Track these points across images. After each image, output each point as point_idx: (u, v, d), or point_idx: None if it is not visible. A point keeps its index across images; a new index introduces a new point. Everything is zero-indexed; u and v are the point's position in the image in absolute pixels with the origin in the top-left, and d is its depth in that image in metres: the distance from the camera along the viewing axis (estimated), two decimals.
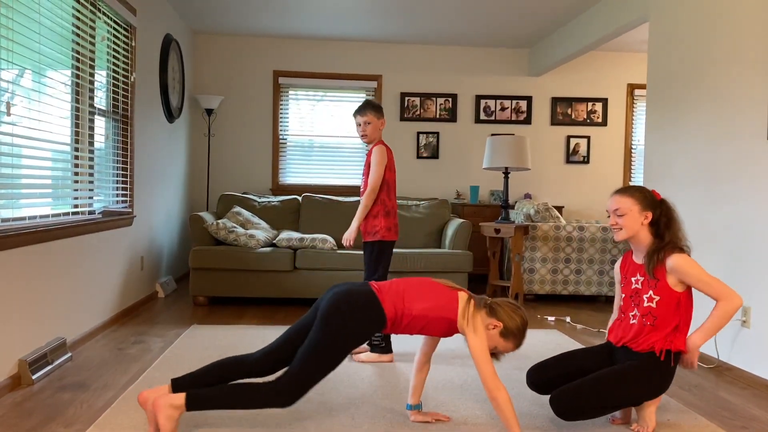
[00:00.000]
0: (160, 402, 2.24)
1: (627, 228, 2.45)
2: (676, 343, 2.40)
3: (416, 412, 2.54)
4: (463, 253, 5.10)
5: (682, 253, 2.40)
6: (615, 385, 2.36)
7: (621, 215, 2.45)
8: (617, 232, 2.48)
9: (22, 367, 2.89)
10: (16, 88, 3.00)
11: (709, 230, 3.63)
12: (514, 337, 2.32)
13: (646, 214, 2.44)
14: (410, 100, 6.87)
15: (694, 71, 3.84)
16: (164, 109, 5.41)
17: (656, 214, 2.44)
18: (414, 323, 2.32)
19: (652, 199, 2.47)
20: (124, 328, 4.09)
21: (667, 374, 2.42)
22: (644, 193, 2.47)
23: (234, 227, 5.05)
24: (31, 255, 3.02)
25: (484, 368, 2.24)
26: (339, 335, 2.26)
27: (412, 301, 2.31)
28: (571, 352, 2.64)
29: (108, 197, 4.20)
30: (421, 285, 2.38)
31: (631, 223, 2.44)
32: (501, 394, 2.22)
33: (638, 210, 2.44)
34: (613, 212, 2.48)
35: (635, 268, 2.52)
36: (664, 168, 4.12)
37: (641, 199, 2.45)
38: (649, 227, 2.45)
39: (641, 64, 7.02)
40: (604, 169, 7.09)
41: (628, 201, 2.45)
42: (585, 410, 2.36)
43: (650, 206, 2.45)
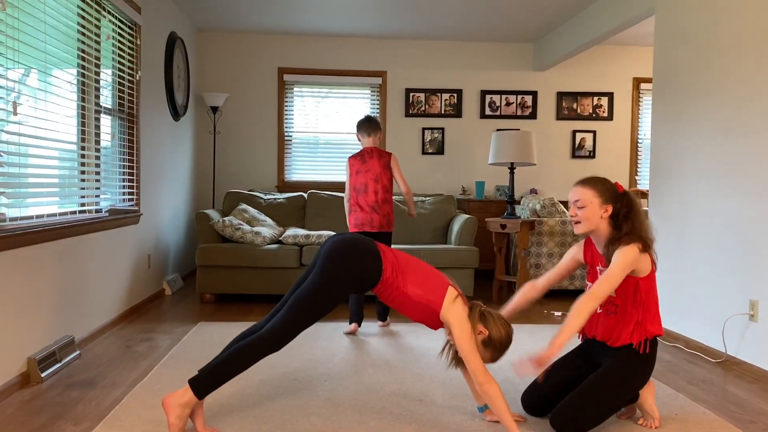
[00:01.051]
0: (169, 401, 2.22)
1: (586, 221, 2.40)
2: (651, 329, 2.41)
3: (488, 412, 2.53)
4: (469, 248, 5.10)
5: (632, 245, 2.32)
6: (607, 391, 2.35)
7: (581, 207, 2.41)
8: (576, 225, 2.43)
9: (31, 365, 2.91)
10: (23, 88, 3.01)
11: (718, 224, 3.62)
12: (494, 349, 2.33)
13: (606, 207, 2.39)
14: (415, 95, 6.86)
15: (701, 64, 3.81)
16: (170, 107, 5.42)
17: (617, 207, 2.39)
18: (399, 298, 2.33)
19: (614, 192, 2.42)
20: (132, 326, 4.11)
21: (650, 361, 2.43)
22: (606, 186, 2.42)
23: (240, 224, 5.07)
24: (39, 253, 3.03)
25: (474, 361, 2.25)
26: (335, 276, 2.27)
27: (409, 279, 2.32)
28: (554, 364, 2.59)
29: (114, 195, 4.21)
30: (417, 267, 2.39)
31: (591, 215, 2.39)
32: (492, 387, 2.24)
33: (599, 203, 2.39)
34: (574, 203, 2.44)
35: (598, 257, 2.50)
36: (671, 162, 4.10)
37: (602, 191, 2.40)
38: (609, 220, 2.41)
39: (647, 58, 6.99)
40: (610, 163, 7.07)
41: (588, 193, 2.41)
42: (586, 424, 2.34)
43: (611, 199, 2.40)
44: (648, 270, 2.40)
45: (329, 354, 3.48)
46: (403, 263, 2.38)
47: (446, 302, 2.31)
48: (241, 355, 2.24)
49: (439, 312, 2.31)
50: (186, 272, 6.18)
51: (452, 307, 2.30)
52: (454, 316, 2.29)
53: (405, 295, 2.33)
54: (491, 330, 2.31)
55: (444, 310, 2.30)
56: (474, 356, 2.26)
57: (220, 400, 2.68)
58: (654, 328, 2.42)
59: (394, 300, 2.36)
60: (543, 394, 2.53)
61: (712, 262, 3.65)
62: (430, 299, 2.32)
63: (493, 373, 3.13)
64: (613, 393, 2.36)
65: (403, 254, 2.44)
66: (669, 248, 4.06)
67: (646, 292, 2.41)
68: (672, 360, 3.54)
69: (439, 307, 2.31)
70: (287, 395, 2.79)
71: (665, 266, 4.07)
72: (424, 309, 2.33)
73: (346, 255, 2.31)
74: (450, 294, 2.33)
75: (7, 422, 2.45)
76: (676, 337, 3.93)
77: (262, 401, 2.69)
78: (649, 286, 2.42)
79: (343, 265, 2.29)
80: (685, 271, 3.90)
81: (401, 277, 2.33)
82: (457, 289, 2.37)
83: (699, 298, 3.76)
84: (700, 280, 3.75)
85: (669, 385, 3.06)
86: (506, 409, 2.24)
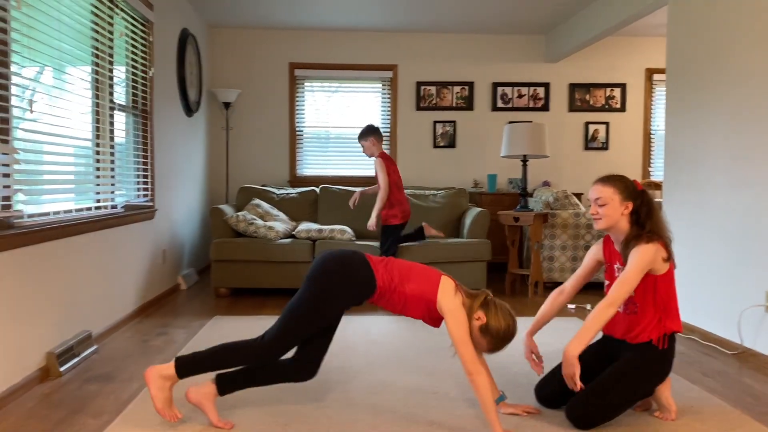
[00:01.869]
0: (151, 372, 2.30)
1: (607, 217, 2.42)
2: (670, 326, 2.41)
3: (503, 404, 2.53)
4: (482, 241, 5.09)
5: (649, 244, 2.34)
6: (623, 385, 2.35)
7: (602, 205, 2.42)
8: (597, 222, 2.45)
9: (50, 360, 2.95)
10: (38, 86, 3.04)
11: (733, 215, 3.59)
12: (491, 337, 2.30)
13: (627, 204, 2.41)
14: (426, 89, 6.85)
15: (715, 54, 3.78)
16: (182, 103, 5.45)
17: (636, 204, 2.42)
18: (398, 299, 2.35)
19: (633, 188, 2.44)
20: (148, 321, 4.15)
21: (668, 357, 2.42)
22: (626, 183, 2.44)
23: (254, 219, 5.09)
24: (56, 249, 3.07)
25: (463, 350, 2.25)
26: (326, 291, 2.31)
27: (402, 279, 2.34)
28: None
29: (129, 191, 4.25)
30: (410, 267, 2.41)
31: (612, 212, 2.41)
32: (480, 378, 2.23)
33: (619, 200, 2.41)
34: (594, 201, 2.45)
35: (616, 256, 2.51)
36: (685, 153, 4.07)
37: (623, 188, 2.42)
38: (629, 217, 2.43)
39: (660, 49, 6.93)
40: (624, 155, 7.02)
41: (609, 190, 2.42)
42: (601, 418, 2.35)
43: (631, 196, 2.42)
44: (666, 268, 2.39)
45: (343, 347, 3.50)
46: (394, 266, 2.40)
47: (441, 290, 2.31)
48: (230, 352, 2.33)
49: (436, 301, 2.32)
50: (201, 267, 6.22)
51: (446, 295, 2.31)
52: (447, 304, 2.30)
53: (402, 293, 2.34)
54: (490, 318, 2.29)
55: (439, 297, 2.31)
56: (464, 344, 2.25)
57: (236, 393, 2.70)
58: (673, 324, 2.42)
59: (395, 304, 2.37)
60: (558, 387, 2.53)
61: (727, 253, 3.63)
62: (425, 289, 2.33)
63: (509, 361, 3.14)
64: (629, 387, 2.36)
65: (393, 259, 2.46)
66: (684, 240, 4.03)
67: (665, 290, 2.41)
68: (687, 352, 3.53)
69: (435, 296, 2.31)
70: (302, 388, 2.81)
71: (680, 258, 4.05)
72: (422, 302, 2.34)
73: (339, 269, 2.34)
74: (445, 282, 2.34)
75: (28, 415, 2.49)
76: (691, 329, 3.91)
77: (276, 394, 2.72)
78: (668, 285, 2.41)
79: (336, 279, 2.32)
80: (701, 262, 3.87)
81: (396, 279, 2.35)
82: (453, 281, 2.37)
83: (714, 290, 3.74)
84: (716, 272, 3.72)
85: (685, 378, 3.05)
86: (492, 404, 2.23)
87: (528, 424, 2.42)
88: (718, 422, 2.46)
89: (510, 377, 2.99)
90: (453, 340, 2.27)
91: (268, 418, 2.45)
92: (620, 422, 2.43)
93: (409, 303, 2.35)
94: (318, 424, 2.40)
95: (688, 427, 2.41)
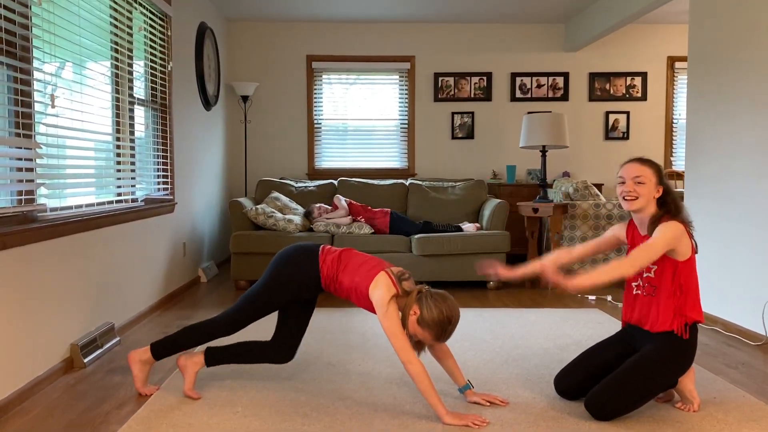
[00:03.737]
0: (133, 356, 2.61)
1: (643, 197, 2.42)
2: (691, 316, 2.39)
3: (469, 393, 2.54)
4: (501, 233, 5.07)
5: (678, 222, 2.37)
6: (644, 376, 2.33)
7: (641, 183, 2.42)
8: (631, 201, 2.43)
9: (74, 351, 3.00)
10: (59, 81, 3.08)
11: (756, 204, 3.53)
12: (429, 328, 2.33)
13: (659, 188, 2.44)
14: (444, 80, 6.81)
15: (738, 41, 3.71)
16: (201, 97, 5.48)
17: (666, 190, 2.46)
18: (341, 289, 2.50)
19: (663, 176, 2.48)
20: (169, 313, 4.20)
21: (691, 347, 2.40)
22: (661, 170, 2.49)
23: (273, 212, 5.12)
24: (79, 243, 3.11)
25: (394, 342, 2.32)
26: (276, 279, 2.53)
27: (341, 271, 2.47)
28: (591, 349, 2.61)
29: (150, 185, 4.29)
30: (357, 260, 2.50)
31: (647, 192, 2.43)
32: (413, 368, 2.29)
33: (655, 182, 2.44)
34: (633, 179, 2.44)
35: (640, 239, 2.51)
36: (707, 141, 4.01)
37: (659, 172, 2.46)
38: (656, 202, 2.45)
39: (681, 36, 6.81)
40: (645, 144, 6.93)
41: (648, 171, 2.44)
42: (622, 408, 2.33)
43: (662, 182, 2.45)
44: (688, 254, 2.38)
45: (362, 339, 3.51)
46: (345, 257, 2.51)
47: (373, 284, 2.37)
48: (193, 330, 2.60)
49: (368, 294, 2.38)
50: (220, 260, 6.27)
51: (377, 289, 2.35)
52: (376, 298, 2.36)
53: (341, 284, 2.47)
54: (423, 310, 2.32)
55: (370, 291, 2.37)
56: (393, 336, 2.31)
57: (258, 384, 2.73)
58: (694, 314, 2.39)
59: (341, 293, 2.51)
60: (578, 378, 2.52)
61: (750, 243, 3.57)
62: (358, 282, 2.41)
63: (528, 353, 3.13)
64: (650, 379, 2.34)
65: (350, 251, 2.56)
66: (706, 229, 3.98)
67: (686, 276, 2.38)
68: (710, 343, 3.48)
69: (366, 289, 2.38)
70: (322, 379, 2.82)
71: (703, 248, 3.99)
72: (357, 294, 2.43)
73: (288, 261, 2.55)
74: (379, 278, 2.38)
75: (54, 405, 2.53)
76: (714, 321, 3.86)
77: (298, 385, 2.73)
78: (689, 271, 2.39)
79: (285, 269, 2.53)
80: (723, 253, 3.82)
81: (340, 271, 2.47)
82: (390, 275, 2.38)
83: (738, 281, 3.68)
84: (739, 262, 3.67)
85: (707, 369, 3.01)
86: (430, 389, 2.29)
87: (549, 415, 2.41)
88: (741, 414, 2.43)
89: (531, 369, 2.98)
90: (385, 333, 2.34)
91: (288, 409, 2.46)
92: (642, 413, 2.41)
93: (351, 294, 2.47)
94: (338, 414, 2.42)
95: (710, 418, 2.39)
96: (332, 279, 2.49)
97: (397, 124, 6.86)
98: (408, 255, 5.00)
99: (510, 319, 3.99)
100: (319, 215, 5.26)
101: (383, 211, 5.26)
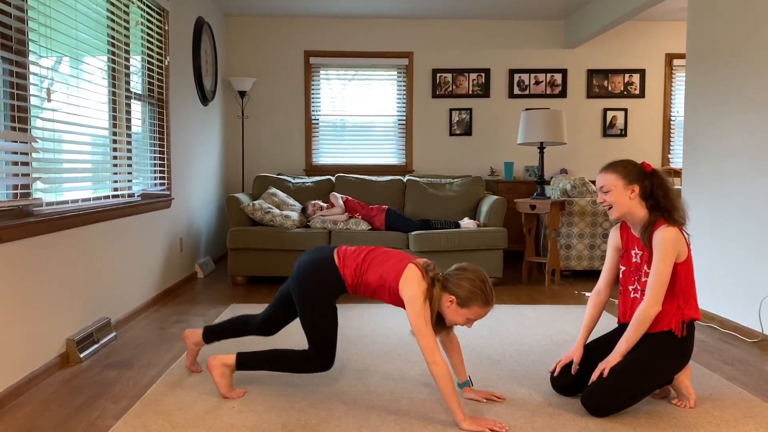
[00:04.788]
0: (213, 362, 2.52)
1: (616, 204, 2.39)
2: (688, 313, 2.38)
3: (467, 389, 2.54)
4: (498, 230, 5.06)
5: (671, 227, 2.32)
6: (641, 373, 2.33)
7: (606, 191, 2.39)
8: (610, 212, 2.42)
9: (70, 346, 2.99)
10: (56, 75, 3.06)
11: (754, 202, 3.53)
12: (472, 302, 2.27)
13: (632, 187, 2.37)
14: (442, 76, 6.80)
15: (737, 38, 3.70)
16: (198, 92, 5.47)
17: (646, 186, 2.37)
18: (366, 288, 2.44)
19: (638, 171, 2.39)
20: (166, 308, 4.19)
21: (687, 345, 2.40)
22: (628, 167, 2.40)
23: (270, 208, 5.11)
24: (75, 237, 3.10)
25: (421, 341, 2.25)
26: (312, 304, 2.45)
27: (366, 269, 2.42)
28: (587, 345, 2.58)
29: (146, 180, 4.28)
30: (380, 256, 2.45)
31: (619, 198, 2.38)
32: (437, 369, 2.22)
33: (623, 185, 2.37)
34: (599, 189, 2.43)
35: (634, 241, 2.48)
36: (705, 139, 4.01)
37: (625, 173, 2.38)
38: (641, 201, 2.38)
39: (680, 33, 6.81)
40: (643, 142, 6.94)
41: (611, 176, 2.39)
42: (618, 405, 2.33)
43: (636, 179, 2.37)
44: (686, 254, 2.36)
45: (360, 336, 3.51)
46: (363, 255, 2.46)
47: (403, 278, 2.32)
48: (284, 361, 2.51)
49: (398, 289, 2.33)
50: (217, 255, 6.26)
51: (408, 284, 2.30)
52: (407, 293, 2.30)
53: (367, 283, 2.42)
54: (455, 291, 2.27)
55: (401, 286, 2.32)
56: (421, 334, 2.24)
57: (254, 379, 2.73)
58: (691, 311, 2.39)
59: (367, 292, 2.46)
60: (575, 375, 2.52)
61: (747, 240, 3.57)
62: (387, 278, 2.36)
63: (526, 350, 3.13)
64: (647, 376, 2.34)
65: (368, 249, 2.50)
66: (703, 227, 3.98)
67: (684, 277, 2.37)
68: (707, 340, 3.49)
69: (396, 284, 2.33)
70: (319, 374, 2.82)
71: (700, 245, 4.00)
72: (385, 289, 2.39)
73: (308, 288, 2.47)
74: (409, 271, 2.33)
75: (50, 400, 2.52)
76: (711, 317, 3.87)
77: (294, 380, 2.73)
78: (687, 271, 2.38)
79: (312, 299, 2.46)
80: (721, 249, 3.82)
81: (361, 271, 2.43)
82: (419, 268, 2.34)
83: (735, 278, 3.69)
84: (736, 259, 3.67)
85: (704, 366, 3.02)
86: (453, 392, 2.22)
87: (545, 411, 2.41)
88: (738, 410, 2.44)
89: (528, 365, 2.98)
90: (413, 329, 2.27)
91: (284, 404, 2.46)
92: (638, 410, 2.41)
93: (377, 290, 2.42)
94: (334, 409, 2.41)
95: (707, 414, 2.39)
96: (358, 283, 2.44)
97: (395, 121, 6.85)
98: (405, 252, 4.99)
99: (507, 315, 3.99)
100: (313, 213, 5.24)
101: (380, 208, 5.26)
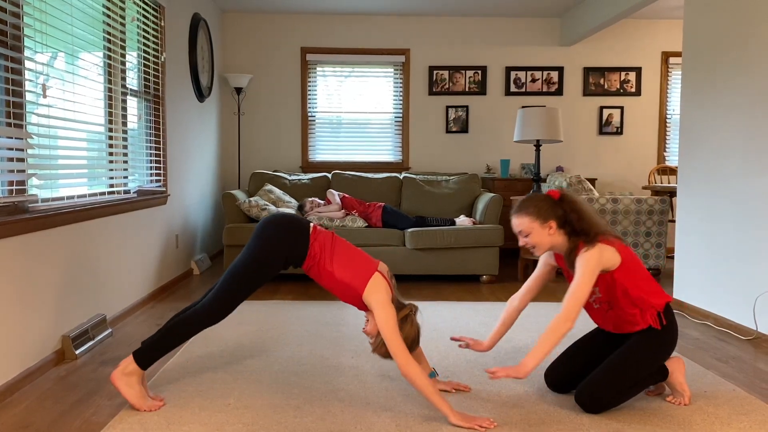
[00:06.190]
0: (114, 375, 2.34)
1: (539, 245, 2.38)
2: (658, 302, 2.35)
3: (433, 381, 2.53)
4: (494, 227, 5.07)
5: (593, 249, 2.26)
6: (631, 366, 2.34)
7: (526, 236, 2.38)
8: (533, 250, 2.41)
9: (65, 343, 2.99)
10: (51, 71, 3.05)
11: (749, 200, 3.55)
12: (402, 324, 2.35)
13: (549, 224, 2.34)
14: (439, 73, 6.80)
15: (733, 37, 3.71)
16: (194, 88, 5.45)
17: (560, 215, 2.34)
18: (325, 276, 2.39)
19: (549, 205, 2.35)
20: (162, 305, 4.19)
21: (671, 330, 2.40)
22: (538, 205, 2.36)
23: (266, 205, 5.11)
24: (70, 234, 3.09)
25: (394, 342, 2.25)
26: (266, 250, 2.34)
27: (333, 259, 2.38)
28: (579, 341, 2.61)
29: (142, 176, 4.27)
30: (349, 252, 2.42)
31: (539, 239, 2.36)
32: (412, 369, 2.23)
33: (539, 224, 2.34)
34: (518, 234, 2.40)
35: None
36: (701, 137, 4.02)
37: (537, 213, 2.34)
38: (559, 231, 2.35)
39: (676, 31, 6.83)
40: (638, 139, 6.95)
41: (525, 220, 2.36)
42: (612, 400, 2.35)
43: (550, 214, 2.34)
44: (617, 261, 2.31)
45: (355, 331, 3.51)
46: (335, 244, 2.42)
47: (370, 288, 2.33)
48: (182, 327, 2.36)
49: (362, 295, 2.34)
50: (213, 252, 6.26)
51: (375, 293, 2.32)
52: (376, 300, 2.31)
53: (330, 274, 2.37)
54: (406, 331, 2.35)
55: (367, 292, 2.33)
56: (395, 338, 2.26)
57: (251, 376, 2.73)
58: (659, 299, 2.37)
59: (322, 279, 2.41)
60: (568, 372, 2.53)
61: (743, 238, 3.59)
62: (354, 279, 2.35)
63: (521, 345, 3.14)
64: (637, 369, 2.35)
65: (340, 239, 2.47)
66: (699, 225, 3.99)
67: (629, 279, 2.33)
68: (701, 337, 3.50)
69: (362, 289, 2.34)
70: (315, 371, 2.82)
71: (695, 242, 4.01)
72: (349, 289, 2.37)
73: (276, 230, 2.37)
74: (376, 280, 2.34)
75: (45, 396, 2.52)
76: (705, 315, 3.88)
77: (290, 377, 2.73)
78: (626, 272, 2.32)
79: (274, 239, 2.36)
80: (716, 247, 3.83)
81: (328, 256, 2.37)
82: (385, 277, 2.37)
83: (729, 275, 3.70)
84: (731, 257, 3.69)
85: (698, 363, 3.03)
86: (430, 388, 2.23)
87: (540, 408, 2.42)
88: (732, 407, 2.45)
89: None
90: (382, 333, 2.27)
91: (281, 401, 2.46)
92: (633, 407, 2.43)
93: (337, 286, 2.39)
94: (330, 406, 2.42)
95: (701, 411, 2.40)
96: (316, 263, 2.38)
97: (392, 118, 6.85)
98: (401, 249, 5.00)
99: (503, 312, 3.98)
100: (311, 209, 5.24)
101: (377, 205, 5.26)
